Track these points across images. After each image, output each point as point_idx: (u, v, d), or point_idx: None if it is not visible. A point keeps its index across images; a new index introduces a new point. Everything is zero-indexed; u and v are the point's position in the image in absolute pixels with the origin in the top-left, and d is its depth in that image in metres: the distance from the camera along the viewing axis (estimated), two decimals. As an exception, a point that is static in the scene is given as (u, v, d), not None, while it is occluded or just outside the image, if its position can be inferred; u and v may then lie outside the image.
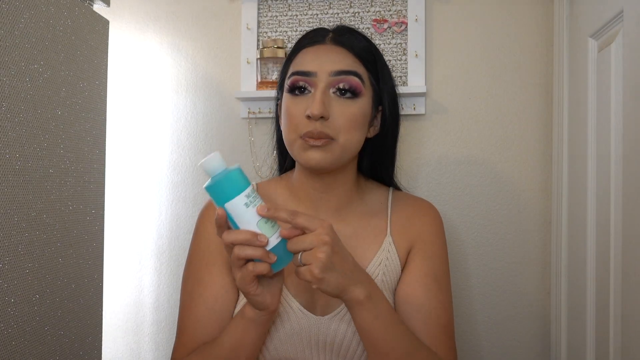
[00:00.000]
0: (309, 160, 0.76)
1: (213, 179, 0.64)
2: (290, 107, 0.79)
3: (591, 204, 0.99)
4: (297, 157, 0.79)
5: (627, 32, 0.84)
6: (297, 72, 0.79)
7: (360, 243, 0.83)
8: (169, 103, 1.43)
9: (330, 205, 0.84)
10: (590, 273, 0.99)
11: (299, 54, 0.83)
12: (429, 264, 0.83)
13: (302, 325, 0.78)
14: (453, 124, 1.29)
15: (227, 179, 0.63)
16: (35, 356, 0.86)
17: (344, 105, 0.78)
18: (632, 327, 0.80)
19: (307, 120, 0.76)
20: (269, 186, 0.90)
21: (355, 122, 0.78)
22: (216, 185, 0.63)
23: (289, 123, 0.79)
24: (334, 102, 0.77)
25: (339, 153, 0.77)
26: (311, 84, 0.78)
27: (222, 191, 0.63)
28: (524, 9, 1.27)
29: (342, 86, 0.77)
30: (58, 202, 0.93)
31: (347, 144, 0.78)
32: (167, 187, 1.43)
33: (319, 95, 0.76)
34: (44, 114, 0.88)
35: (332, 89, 0.78)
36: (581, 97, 1.05)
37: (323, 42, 0.82)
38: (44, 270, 0.89)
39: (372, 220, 0.86)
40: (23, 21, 0.83)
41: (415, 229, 0.86)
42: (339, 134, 0.76)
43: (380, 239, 0.84)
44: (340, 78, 0.78)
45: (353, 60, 0.80)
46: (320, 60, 0.79)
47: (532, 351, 1.25)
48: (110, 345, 1.45)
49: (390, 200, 0.89)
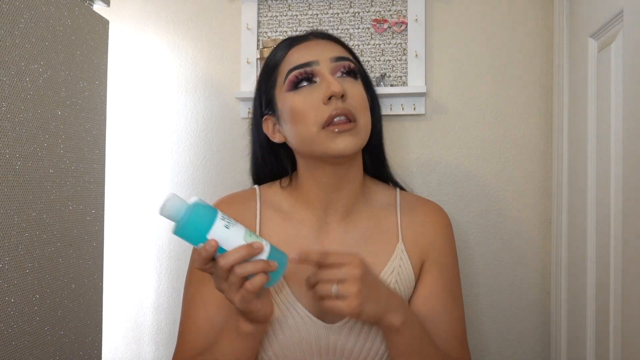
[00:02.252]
0: (340, 147, 0.73)
1: (182, 219, 0.60)
2: (299, 102, 0.75)
3: (591, 204, 0.99)
4: (324, 150, 0.74)
5: (627, 32, 0.84)
6: (297, 67, 0.76)
7: (370, 247, 0.81)
8: (169, 103, 1.43)
9: (338, 208, 0.82)
10: (590, 273, 0.99)
11: (287, 55, 0.79)
12: (444, 276, 0.83)
13: (311, 333, 0.76)
14: (453, 124, 1.29)
15: (197, 212, 0.61)
16: (35, 356, 0.86)
17: (353, 85, 0.76)
18: (632, 327, 0.80)
19: (326, 105, 0.73)
20: (272, 191, 0.87)
21: (365, 102, 0.78)
22: (190, 223, 0.61)
23: (305, 118, 0.74)
24: (344, 83, 0.76)
25: (364, 135, 0.76)
26: (315, 73, 0.76)
27: (198, 226, 0.61)
28: (524, 9, 1.27)
29: (346, 68, 0.77)
30: (58, 202, 0.93)
31: (366, 125, 0.77)
32: (167, 187, 1.43)
33: (330, 77, 0.74)
34: (44, 114, 0.88)
35: (337, 73, 0.77)
36: (581, 97, 1.05)
37: (308, 39, 0.81)
38: (44, 270, 0.89)
39: (381, 223, 0.84)
40: (23, 21, 0.83)
41: (428, 237, 0.84)
42: (359, 114, 0.75)
43: (392, 245, 0.82)
44: (341, 63, 0.77)
45: (343, 50, 0.81)
46: (316, 50, 0.78)
47: (532, 351, 1.25)
48: (110, 345, 1.45)
49: (399, 203, 0.86)
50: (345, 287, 0.64)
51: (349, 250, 0.78)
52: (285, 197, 0.85)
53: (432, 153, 1.30)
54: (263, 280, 0.62)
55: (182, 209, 0.61)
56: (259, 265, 0.62)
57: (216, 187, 1.40)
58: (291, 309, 0.77)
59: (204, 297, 0.80)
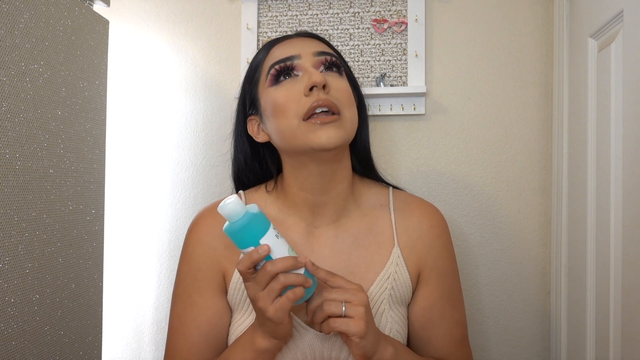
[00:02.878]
0: (322, 139, 0.69)
1: (240, 220, 0.64)
2: (281, 96, 0.73)
3: (591, 204, 0.99)
4: (306, 143, 0.71)
5: (627, 32, 0.84)
6: (278, 61, 0.75)
7: (363, 252, 0.79)
8: (169, 103, 1.43)
9: (327, 211, 0.79)
10: (590, 273, 0.99)
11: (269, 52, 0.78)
12: (444, 282, 0.82)
13: (305, 342, 0.75)
14: (453, 124, 1.29)
15: (255, 219, 0.64)
16: (35, 356, 0.86)
17: (337, 79, 0.75)
18: (632, 327, 0.80)
19: (307, 97, 0.71)
20: (259, 196, 0.85)
21: (351, 97, 0.76)
22: (246, 226, 0.64)
23: (285, 111, 0.72)
24: (327, 77, 0.74)
25: (349, 129, 0.73)
26: (297, 67, 0.74)
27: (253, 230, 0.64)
28: (524, 9, 1.27)
29: (329, 62, 0.76)
30: (58, 202, 0.93)
31: (352, 119, 0.74)
32: (167, 187, 1.43)
33: (312, 69, 0.73)
34: (44, 114, 0.88)
35: (320, 67, 0.75)
36: (581, 97, 1.05)
37: (290, 38, 0.80)
38: (44, 270, 0.89)
39: (374, 226, 0.81)
40: (23, 21, 0.83)
41: (425, 242, 0.81)
42: (343, 108, 0.72)
43: (387, 249, 0.80)
44: (324, 58, 0.75)
45: (327, 47, 0.80)
46: (298, 45, 0.76)
47: (532, 351, 1.25)
48: (110, 345, 1.45)
49: (392, 204, 0.83)
50: (353, 308, 0.65)
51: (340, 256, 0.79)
52: (272, 201, 0.83)
53: (432, 153, 1.30)
54: (302, 293, 0.64)
55: (242, 211, 0.64)
56: (300, 278, 0.64)
57: (216, 187, 1.41)
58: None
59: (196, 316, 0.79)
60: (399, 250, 0.80)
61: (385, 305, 0.78)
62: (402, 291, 0.80)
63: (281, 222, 0.81)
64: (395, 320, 0.78)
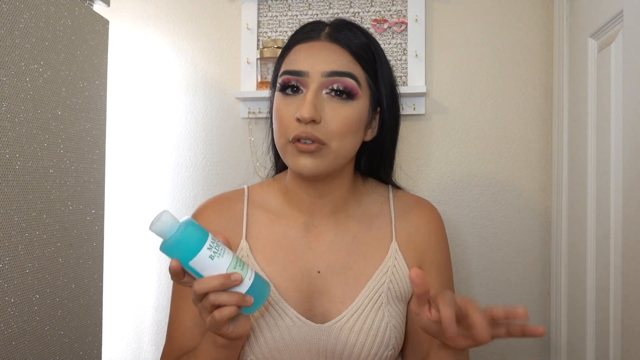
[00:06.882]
0: (300, 167, 0.71)
1: (169, 239, 0.59)
2: (281, 108, 0.74)
3: (591, 204, 0.99)
4: (288, 164, 0.74)
5: (627, 32, 0.84)
6: (288, 72, 0.74)
7: (362, 249, 0.81)
8: (169, 103, 1.43)
9: (325, 211, 0.81)
10: (590, 273, 0.99)
11: (291, 51, 0.77)
12: (442, 275, 0.84)
13: (302, 334, 0.75)
14: (453, 124, 1.29)
15: (185, 237, 0.59)
16: (35, 356, 0.86)
17: (337, 108, 0.73)
18: (632, 327, 0.80)
19: (297, 123, 0.71)
20: (262, 190, 0.85)
21: (350, 126, 0.73)
22: (174, 246, 0.59)
23: (279, 125, 0.74)
24: (326, 104, 0.72)
25: (332, 159, 0.72)
26: (303, 84, 0.73)
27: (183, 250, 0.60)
28: (523, 9, 1.27)
29: (336, 87, 0.73)
30: (58, 202, 0.92)
31: (341, 149, 0.73)
32: (167, 187, 1.43)
33: (310, 97, 0.71)
34: (44, 114, 0.88)
35: (325, 89, 0.73)
36: (581, 97, 1.05)
37: (318, 39, 0.77)
38: (44, 270, 0.89)
39: (373, 223, 0.83)
40: (23, 21, 0.83)
41: (422, 237, 0.83)
42: (332, 139, 0.71)
43: (386, 244, 0.81)
44: (333, 79, 0.72)
45: (349, 59, 0.75)
46: (313, 59, 0.74)
47: (532, 351, 1.25)
48: (110, 345, 1.45)
49: (392, 201, 0.85)
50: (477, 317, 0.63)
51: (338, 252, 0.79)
52: (275, 195, 0.84)
53: (432, 153, 1.30)
54: (232, 313, 0.61)
55: (173, 228, 0.59)
56: (233, 298, 0.61)
57: (216, 187, 1.40)
58: (280, 311, 0.76)
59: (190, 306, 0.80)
60: (396, 244, 0.81)
61: (384, 299, 0.78)
62: (401, 286, 0.80)
63: (282, 216, 0.82)
64: (393, 315, 0.79)
